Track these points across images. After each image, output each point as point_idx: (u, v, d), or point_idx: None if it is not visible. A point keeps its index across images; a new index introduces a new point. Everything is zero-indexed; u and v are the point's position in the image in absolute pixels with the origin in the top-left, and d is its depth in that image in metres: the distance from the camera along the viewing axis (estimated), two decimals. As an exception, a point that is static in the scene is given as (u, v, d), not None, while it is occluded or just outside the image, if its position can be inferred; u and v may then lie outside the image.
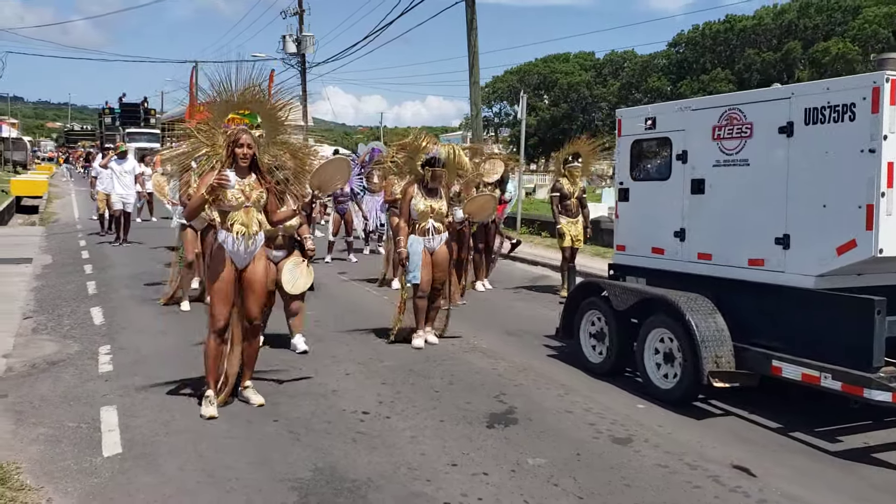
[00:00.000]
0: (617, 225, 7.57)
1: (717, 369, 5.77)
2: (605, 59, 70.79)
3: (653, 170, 7.21)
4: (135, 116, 53.41)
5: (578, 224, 11.21)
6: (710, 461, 4.98)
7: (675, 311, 6.06)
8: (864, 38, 48.31)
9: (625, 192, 7.36)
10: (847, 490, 4.64)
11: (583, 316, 7.26)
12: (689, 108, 6.68)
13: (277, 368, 6.89)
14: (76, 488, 4.41)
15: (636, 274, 7.16)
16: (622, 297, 6.68)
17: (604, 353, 7.00)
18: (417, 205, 7.82)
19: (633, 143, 7.26)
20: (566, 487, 4.52)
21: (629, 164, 7.30)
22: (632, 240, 7.28)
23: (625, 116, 7.49)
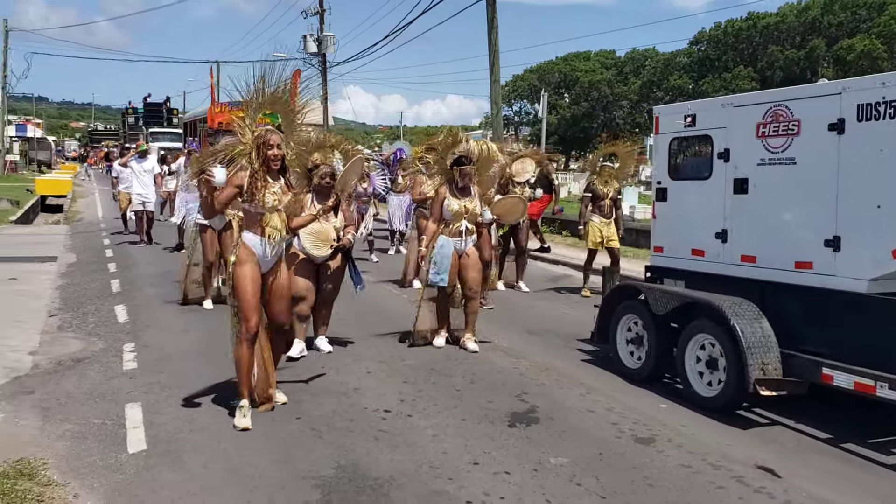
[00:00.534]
0: (654, 225, 7.30)
1: (764, 377, 5.53)
2: (627, 58, 70.51)
3: (692, 169, 6.95)
4: (158, 116, 53.85)
5: (612, 225, 11.04)
6: (734, 461, 4.95)
7: (718, 316, 5.83)
8: (889, 35, 47.75)
9: (662, 192, 7.11)
10: (875, 492, 4.59)
11: (619, 320, 7.04)
12: (732, 105, 6.43)
13: (299, 367, 6.92)
14: (102, 484, 4.45)
15: (674, 276, 6.95)
16: (662, 301, 6.45)
17: (642, 359, 6.77)
18: (451, 205, 7.59)
19: (672, 141, 7.03)
20: (589, 487, 4.51)
21: (667, 163, 7.06)
22: (670, 241, 7.05)
23: (663, 114, 7.25)
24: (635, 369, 6.82)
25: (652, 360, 6.64)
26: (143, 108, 55.93)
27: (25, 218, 22.03)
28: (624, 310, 7.03)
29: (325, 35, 35.71)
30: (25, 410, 5.70)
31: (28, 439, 5.12)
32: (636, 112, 66.73)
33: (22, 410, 5.70)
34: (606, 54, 72.79)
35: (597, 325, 7.35)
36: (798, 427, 5.68)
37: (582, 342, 8.18)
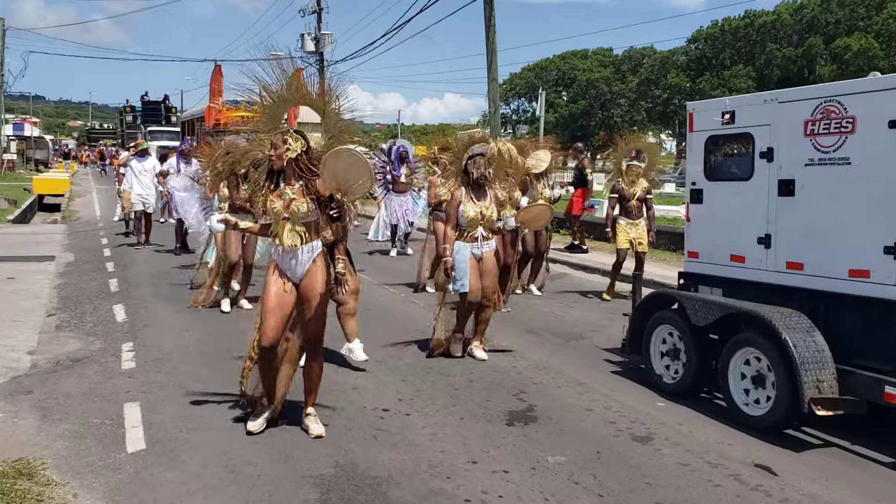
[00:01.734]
0: (688, 229, 6.87)
1: (820, 395, 5.11)
2: (624, 56, 70.48)
3: (731, 169, 6.57)
4: (156, 114, 53.68)
5: (640, 226, 10.50)
6: (732, 460, 4.96)
7: (767, 329, 5.40)
8: (887, 34, 47.78)
9: (697, 194, 6.69)
10: (872, 491, 4.61)
11: (653, 331, 6.60)
12: (777, 101, 6.02)
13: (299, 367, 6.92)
14: (101, 484, 4.46)
15: (710, 283, 6.54)
16: (703, 312, 5.97)
17: (679, 373, 6.33)
18: (467, 211, 7.18)
19: (708, 140, 6.60)
20: (586, 485, 4.53)
21: (703, 163, 6.63)
22: (706, 246, 6.63)
23: (697, 110, 6.83)
24: (672, 384, 6.37)
25: (690, 375, 6.21)
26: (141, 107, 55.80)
27: (23, 217, 22.02)
28: (658, 320, 6.60)
29: (322, 34, 35.69)
30: (24, 410, 5.71)
31: (27, 439, 5.13)
32: (634, 110, 66.71)
33: (21, 410, 5.71)
34: (604, 52, 72.74)
35: (628, 336, 6.93)
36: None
37: (580, 341, 8.20)
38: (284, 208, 5.00)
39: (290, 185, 5.03)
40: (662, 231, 15.45)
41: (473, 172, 7.21)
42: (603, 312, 9.83)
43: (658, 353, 6.56)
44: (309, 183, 5.01)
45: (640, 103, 66.26)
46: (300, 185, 5.02)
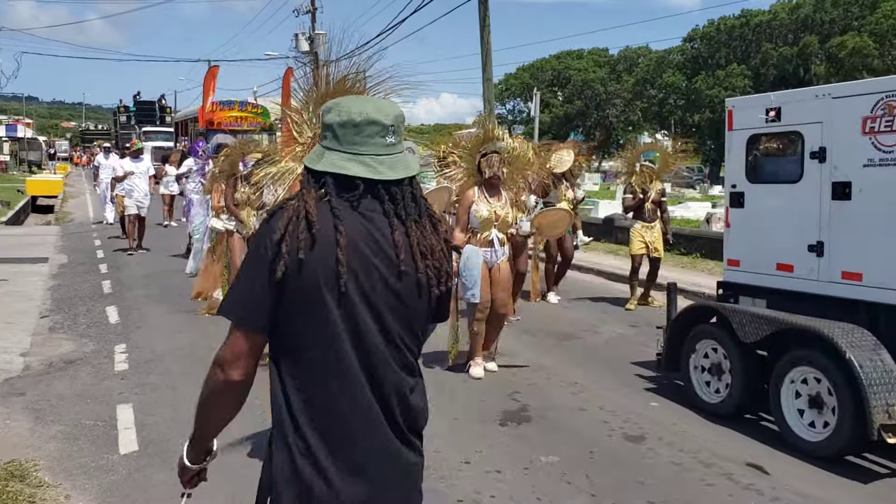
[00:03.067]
0: (728, 235, 6.40)
1: (891, 421, 4.63)
2: (620, 56, 70.63)
3: (777, 170, 6.11)
4: (151, 114, 53.42)
5: (655, 229, 9.99)
6: (724, 459, 4.98)
7: (828, 346, 4.92)
8: (881, 33, 47.90)
9: (738, 197, 6.19)
10: (862, 490, 4.62)
11: (693, 346, 6.08)
12: (830, 96, 5.53)
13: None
14: (94, 485, 4.46)
15: (753, 294, 6.06)
16: (751, 327, 5.45)
17: (722, 392, 5.83)
18: (479, 210, 6.64)
19: (750, 139, 6.11)
20: (579, 485, 4.53)
21: (744, 164, 6.14)
22: (749, 254, 6.14)
23: (738, 107, 6.33)
24: (715, 403, 5.86)
25: (736, 395, 5.69)
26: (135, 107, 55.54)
27: (16, 219, 21.95)
28: (699, 335, 6.08)
29: (316, 33, 35.67)
30: (17, 412, 5.70)
31: (19, 441, 5.13)
32: (629, 110, 66.81)
33: (13, 412, 5.70)
34: (599, 52, 72.84)
35: (665, 351, 6.44)
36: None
37: (574, 341, 8.21)
38: None
39: None
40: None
41: (486, 171, 6.74)
42: (596, 312, 9.84)
43: (698, 371, 6.05)
44: None
45: (636, 103, 66.35)
46: None
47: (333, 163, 1.96)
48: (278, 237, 1.87)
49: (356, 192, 1.94)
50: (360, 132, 1.97)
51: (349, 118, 1.97)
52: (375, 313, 1.91)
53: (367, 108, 2.00)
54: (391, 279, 1.93)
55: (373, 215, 1.94)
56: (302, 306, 1.89)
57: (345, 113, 1.98)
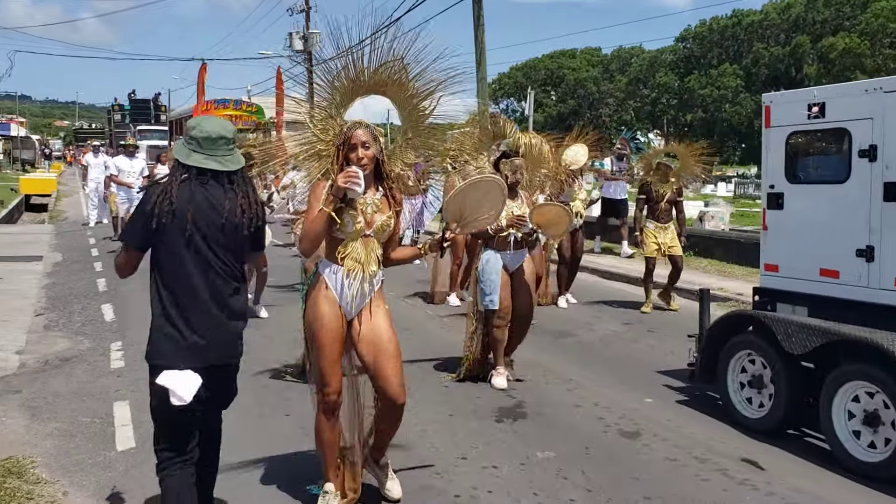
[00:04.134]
0: (766, 239, 6.04)
1: None
2: (613, 55, 70.77)
3: (820, 169, 5.84)
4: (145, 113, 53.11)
5: (669, 230, 9.62)
6: (719, 455, 5.01)
7: (887, 359, 4.57)
8: (871, 32, 48.09)
9: (777, 198, 5.83)
10: (856, 486, 4.64)
11: (731, 357, 5.70)
12: (881, 90, 5.12)
13: (286, 360, 6.93)
14: (91, 482, 4.47)
15: (792, 301, 5.72)
16: (799, 338, 5.07)
17: (765, 406, 5.45)
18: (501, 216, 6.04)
19: (790, 136, 5.77)
20: (575, 480, 4.56)
21: (784, 163, 5.79)
22: (788, 258, 5.80)
23: (776, 102, 5.95)
24: (756, 419, 5.48)
25: (781, 409, 5.31)
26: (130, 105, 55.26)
27: (9, 217, 21.91)
28: (738, 345, 5.69)
29: (311, 32, 35.64)
30: (13, 409, 5.70)
31: (16, 438, 5.13)
32: (622, 109, 66.95)
33: (9, 409, 5.70)
34: (592, 52, 72.96)
35: (700, 361, 6.05)
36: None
37: (569, 338, 8.23)
38: (367, 224, 3.96)
39: (370, 193, 3.98)
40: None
41: (508, 175, 6.26)
42: (591, 310, 9.86)
43: (737, 383, 5.66)
44: (390, 193, 4.06)
45: (629, 103, 66.50)
46: (381, 194, 4.04)
47: (198, 161, 3.36)
48: (153, 202, 3.28)
49: (206, 176, 3.36)
50: (215, 143, 3.37)
51: (208, 134, 3.37)
52: (209, 245, 3.33)
53: (217, 127, 3.41)
54: (220, 226, 3.34)
55: (215, 190, 3.35)
56: (167, 240, 3.31)
57: (205, 131, 3.37)
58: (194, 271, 3.30)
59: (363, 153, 3.86)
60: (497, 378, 6.41)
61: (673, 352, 7.71)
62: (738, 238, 13.66)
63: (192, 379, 3.29)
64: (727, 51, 59.51)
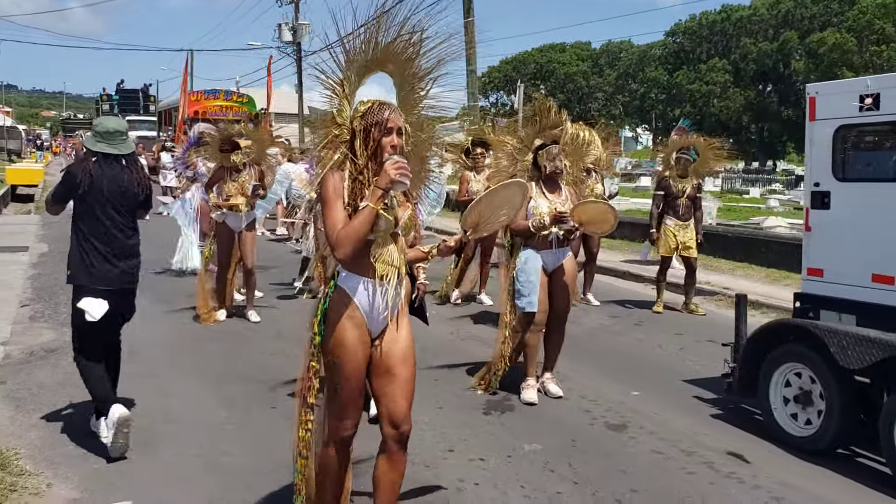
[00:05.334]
0: (809, 241, 5.62)
1: None
2: (602, 49, 70.84)
3: (874, 166, 5.46)
4: (134, 103, 52.74)
5: (689, 229, 9.22)
6: (705, 448, 5.03)
7: None
8: (859, 29, 48.32)
9: (822, 197, 5.43)
10: (842, 480, 4.68)
11: (774, 370, 5.26)
12: None
13: (271, 353, 6.92)
14: (76, 473, 4.44)
15: (839, 308, 5.34)
16: (857, 351, 4.63)
17: (814, 424, 5.02)
18: (538, 207, 5.73)
19: (839, 130, 5.35)
20: (562, 473, 4.56)
21: (830, 159, 5.39)
22: (835, 262, 5.41)
23: (822, 93, 5.53)
24: (804, 437, 5.05)
25: (831, 428, 4.87)
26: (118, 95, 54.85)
27: (-5, 208, 21.72)
28: (782, 357, 5.26)
29: (300, 24, 35.50)
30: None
31: (0, 429, 5.08)
32: (611, 104, 67.06)
33: (-7, 401, 5.65)
34: (582, 46, 72.99)
35: (737, 374, 5.58)
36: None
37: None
38: (396, 220, 3.41)
39: None
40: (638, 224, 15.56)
41: (547, 166, 5.83)
42: (579, 305, 9.85)
43: (780, 398, 5.25)
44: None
45: (617, 97, 66.61)
46: None
47: (102, 148, 4.82)
48: (76, 176, 4.73)
49: (111, 158, 4.82)
50: (112, 135, 4.83)
51: (107, 129, 4.84)
52: (113, 206, 4.75)
53: (114, 124, 4.94)
54: (122, 193, 4.78)
55: (116, 168, 4.81)
56: (87, 202, 4.73)
57: (106, 127, 4.86)
58: (105, 224, 4.71)
59: (398, 140, 3.36)
60: (527, 392, 5.91)
61: (661, 345, 7.76)
62: (725, 233, 13.72)
63: (102, 303, 4.66)
64: (716, 46, 59.64)
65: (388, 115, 3.36)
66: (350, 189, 3.32)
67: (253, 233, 8.48)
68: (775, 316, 9.08)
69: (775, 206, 24.71)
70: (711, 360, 7.13)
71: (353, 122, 3.39)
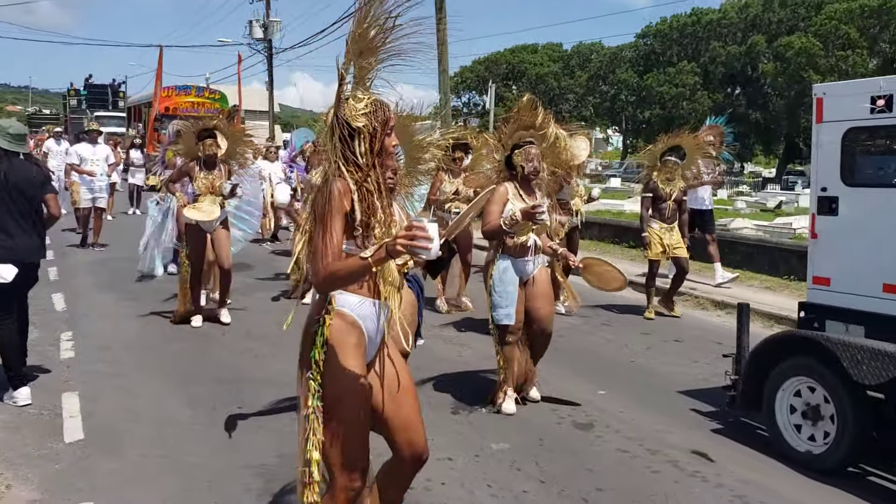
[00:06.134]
0: (815, 248, 5.37)
1: None
2: (573, 51, 71.15)
3: (886, 171, 5.26)
4: (103, 99, 51.82)
5: (675, 232, 9.08)
6: (670, 447, 5.07)
7: None
8: (825, 34, 49.05)
9: (829, 203, 5.20)
10: (803, 478, 4.73)
11: (780, 384, 5.02)
12: None
13: (240, 353, 6.87)
14: (36, 474, 4.37)
15: (847, 319, 5.11)
16: (873, 365, 4.40)
17: (823, 441, 4.77)
18: (515, 210, 5.39)
19: (848, 133, 5.14)
20: (529, 472, 4.59)
21: (839, 163, 5.16)
22: (843, 271, 5.18)
23: (829, 94, 5.31)
24: (814, 455, 4.79)
25: (845, 446, 4.60)
26: (86, 90, 53.94)
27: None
28: (789, 370, 5.00)
29: (271, 21, 35.27)
30: (-43, 400, 5.56)
31: (-41, 429, 5.00)
32: (582, 105, 67.36)
33: (-47, 400, 5.55)
34: (554, 47, 73.24)
35: (741, 387, 5.30)
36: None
37: (525, 331, 8.25)
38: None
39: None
40: (608, 224, 15.68)
41: (524, 166, 5.53)
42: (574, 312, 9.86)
43: (787, 413, 4.99)
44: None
45: (588, 98, 66.96)
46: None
47: (9, 147, 5.57)
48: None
49: (18, 155, 5.64)
50: (16, 136, 5.63)
51: (17, 132, 5.67)
52: (17, 193, 5.53)
53: (19, 127, 5.76)
54: (28, 182, 5.59)
55: (22, 163, 5.65)
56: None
57: (15, 129, 5.66)
58: (14, 209, 5.49)
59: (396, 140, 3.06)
60: (507, 402, 5.66)
61: (627, 345, 7.81)
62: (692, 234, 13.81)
63: (12, 268, 5.44)
64: (686, 49, 60.17)
65: (389, 113, 3.03)
66: (359, 200, 2.90)
67: (227, 231, 8.07)
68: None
69: (742, 208, 25.00)
70: (679, 359, 7.23)
71: (356, 122, 2.94)
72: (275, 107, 36.87)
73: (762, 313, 8.94)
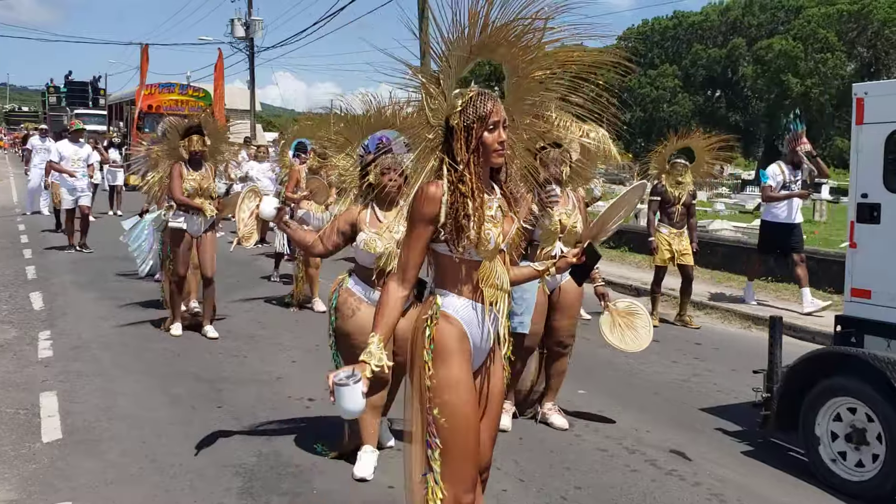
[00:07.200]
0: (854, 258, 5.00)
1: None
2: (555, 52, 71.46)
3: None
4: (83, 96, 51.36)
5: (684, 237, 8.79)
6: (648, 446, 5.12)
7: None
8: (804, 37, 49.55)
9: (872, 210, 4.83)
10: (780, 476, 4.79)
11: (820, 405, 4.63)
12: None
13: (220, 352, 6.86)
14: (14, 474, 4.35)
15: (888, 334, 4.77)
16: None
17: (866, 466, 4.42)
18: (543, 219, 5.16)
19: (892, 136, 4.74)
20: (508, 470, 4.61)
21: (881, 167, 4.78)
22: (886, 282, 4.78)
23: (871, 94, 4.91)
24: (854, 481, 4.44)
25: (891, 472, 4.25)
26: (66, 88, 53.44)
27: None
28: (830, 390, 4.61)
29: (252, 19, 35.12)
30: (-67, 400, 5.51)
31: (-65, 429, 4.96)
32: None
33: (-71, 400, 5.51)
34: (536, 48, 73.52)
35: (776, 407, 4.90)
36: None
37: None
38: (503, 235, 2.89)
39: (492, 193, 2.90)
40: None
41: (548, 168, 5.12)
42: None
43: (828, 436, 4.62)
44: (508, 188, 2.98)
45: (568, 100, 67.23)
46: (500, 191, 2.94)
47: None
48: None
49: None
50: None
51: None
52: None
53: None
54: None
55: None
56: None
57: None
58: None
59: (504, 135, 2.80)
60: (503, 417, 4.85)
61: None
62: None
63: None
64: (667, 51, 60.55)
65: (491, 106, 2.76)
66: (450, 203, 2.71)
67: (213, 235, 7.62)
68: (720, 318, 9.29)
69: (721, 210, 25.20)
70: (658, 359, 7.28)
71: (452, 120, 2.78)
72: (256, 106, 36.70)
73: (740, 314, 9.05)
